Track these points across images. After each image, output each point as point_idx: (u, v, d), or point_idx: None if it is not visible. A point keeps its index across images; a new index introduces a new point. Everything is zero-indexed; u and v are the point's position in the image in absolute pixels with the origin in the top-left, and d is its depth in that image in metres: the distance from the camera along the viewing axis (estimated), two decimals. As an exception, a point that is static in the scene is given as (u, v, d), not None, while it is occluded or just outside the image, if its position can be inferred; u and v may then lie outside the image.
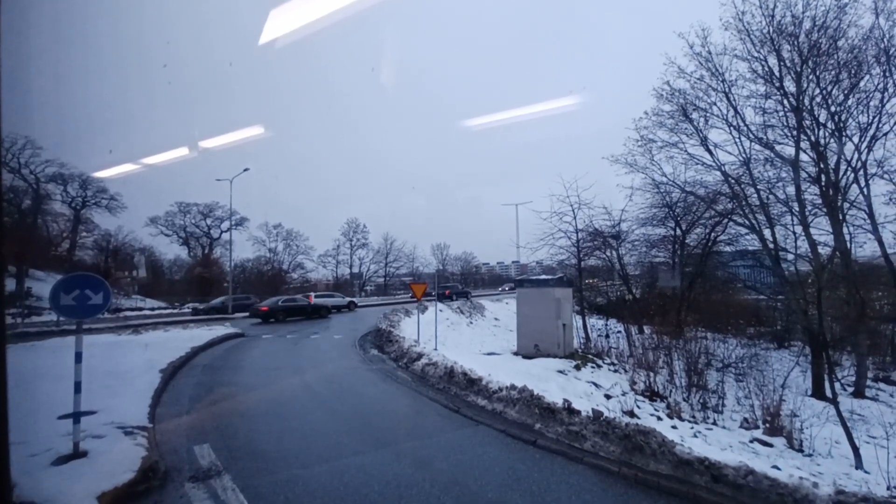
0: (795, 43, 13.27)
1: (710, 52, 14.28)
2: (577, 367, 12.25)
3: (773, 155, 14.18)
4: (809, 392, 12.44)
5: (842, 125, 13.22)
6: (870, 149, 13.00)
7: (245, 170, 31.32)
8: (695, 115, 15.08)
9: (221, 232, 47.10)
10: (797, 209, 13.52)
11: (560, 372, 11.44)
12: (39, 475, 4.52)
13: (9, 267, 27.41)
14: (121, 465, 4.85)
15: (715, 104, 14.70)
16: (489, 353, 13.93)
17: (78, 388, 5.20)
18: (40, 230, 34.73)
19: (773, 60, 13.71)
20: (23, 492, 4.00)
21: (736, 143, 14.53)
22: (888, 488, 5.94)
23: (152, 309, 33.28)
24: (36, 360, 10.14)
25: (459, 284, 47.70)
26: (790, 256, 14.49)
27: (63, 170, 35.01)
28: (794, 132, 13.75)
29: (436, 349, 12.47)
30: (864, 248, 14.30)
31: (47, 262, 33.54)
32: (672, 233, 19.57)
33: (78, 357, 5.23)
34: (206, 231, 47.54)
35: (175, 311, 31.66)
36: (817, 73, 13.14)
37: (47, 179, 34.67)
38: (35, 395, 6.77)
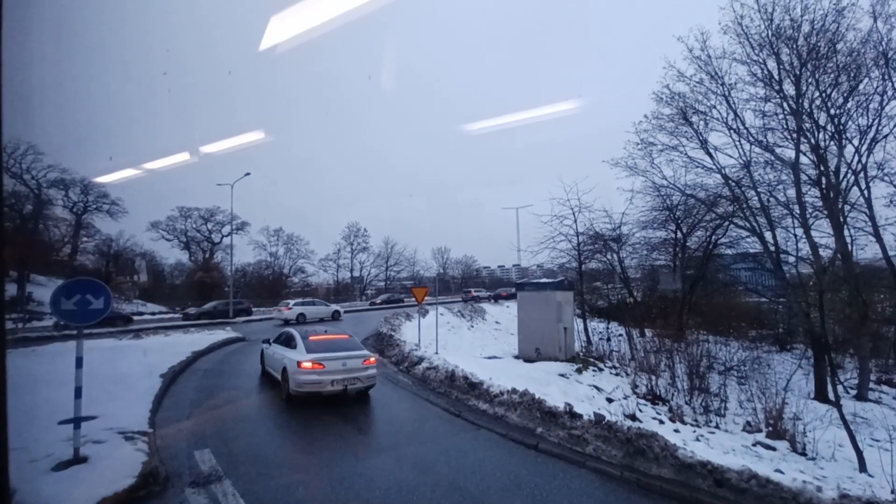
0: (794, 46, 13.31)
1: (709, 56, 14.33)
2: (579, 371, 12.22)
3: (773, 158, 14.19)
4: (812, 395, 12.38)
5: (842, 128, 13.23)
6: (870, 151, 13.01)
7: (246, 174, 31.45)
8: (695, 119, 15.12)
9: (222, 236, 47.09)
10: (798, 212, 13.51)
11: (561, 375, 11.41)
12: (39, 481, 4.51)
13: (10, 272, 27.45)
14: (121, 470, 4.84)
15: (715, 107, 14.74)
16: (490, 357, 13.89)
17: (78, 393, 5.20)
18: (42, 235, 34.77)
19: (772, 64, 13.75)
20: (23, 498, 3.98)
21: (736, 146, 14.56)
22: (892, 492, 5.90)
23: (153, 313, 33.30)
24: (36, 365, 10.14)
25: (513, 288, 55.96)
26: (791, 259, 14.47)
27: (64, 175, 35.14)
28: (794, 135, 13.77)
29: (436, 353, 12.44)
30: (866, 251, 14.29)
31: (48, 266, 33.56)
32: (673, 236, 19.57)
33: (78, 362, 5.22)
34: (207, 235, 47.53)
35: (176, 315, 31.63)
36: (816, 76, 13.17)
37: (49, 185, 34.77)
38: (35, 400, 6.75)
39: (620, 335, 17.89)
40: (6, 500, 1.27)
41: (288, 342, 9.20)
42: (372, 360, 8.71)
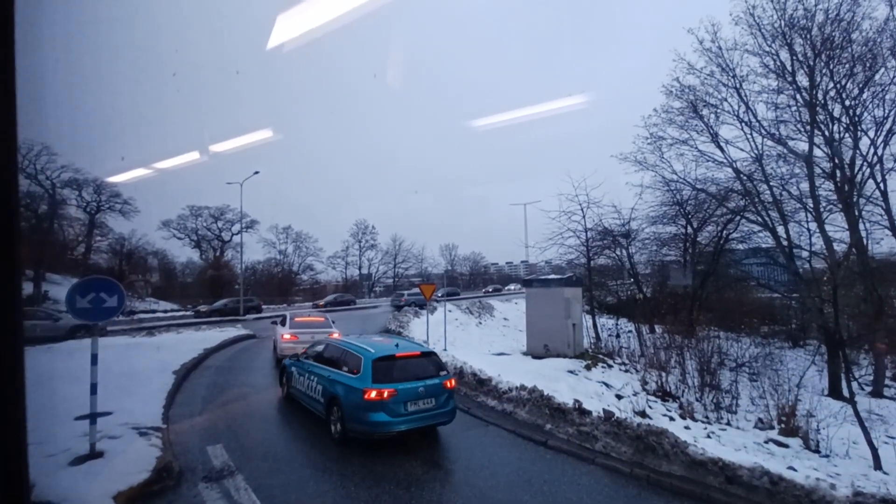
0: (808, 36, 13.05)
1: (720, 48, 14.11)
2: (588, 367, 12.16)
3: (785, 151, 13.96)
4: (826, 392, 12.20)
5: (857, 119, 12.96)
6: (886, 143, 12.75)
7: (255, 173, 31.65)
8: (705, 112, 14.91)
9: (232, 235, 47.50)
10: (811, 205, 13.29)
11: (570, 372, 11.37)
12: (57, 475, 4.61)
13: (26, 271, 28.00)
14: (136, 465, 4.93)
15: (726, 100, 14.53)
16: (499, 354, 13.89)
17: (94, 389, 5.30)
18: (56, 235, 35.38)
19: (784, 55, 13.51)
20: (41, 491, 4.08)
21: (748, 139, 14.34)
22: (909, 490, 5.80)
23: (165, 311, 33.78)
24: (53, 362, 10.35)
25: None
26: (804, 253, 14.24)
27: (78, 175, 35.57)
28: (808, 127, 13.52)
29: (445, 350, 12.47)
30: (882, 245, 14.01)
31: (63, 265, 34.15)
32: (683, 231, 19.32)
33: (94, 359, 5.32)
34: (218, 234, 47.98)
35: (188, 313, 32.11)
36: (831, 66, 12.90)
37: (63, 185, 35.25)
38: (52, 397, 6.91)
39: (630, 331, 17.75)
40: (26, 494, 1.30)
41: (283, 322, 12.67)
42: (335, 335, 11.10)
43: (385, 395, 5.77)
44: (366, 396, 5.75)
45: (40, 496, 4.00)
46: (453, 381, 6.68)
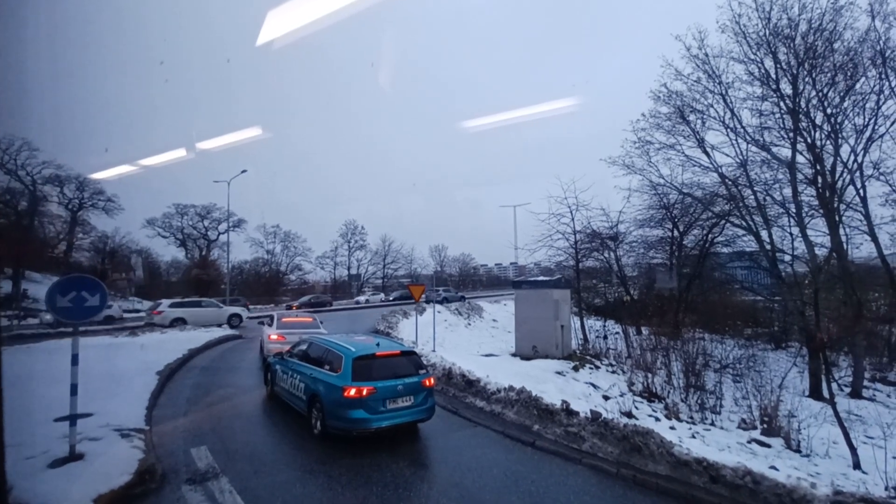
0: (791, 45, 13.34)
1: (706, 55, 14.35)
2: (576, 369, 12.25)
3: (769, 157, 14.25)
4: (807, 392, 12.46)
5: (838, 127, 13.27)
6: (866, 150, 13.07)
7: (243, 171, 31.31)
8: (692, 117, 15.15)
9: (219, 234, 46.94)
10: (794, 211, 13.57)
11: (558, 373, 11.43)
12: (36, 478, 4.49)
13: (5, 268, 27.33)
14: (117, 467, 4.82)
15: (712, 106, 14.78)
16: (487, 355, 13.91)
17: (74, 390, 5.18)
18: (37, 232, 34.55)
19: (769, 63, 13.79)
20: (19, 494, 3.96)
21: (733, 144, 14.62)
22: (886, 488, 5.95)
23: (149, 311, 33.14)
24: (32, 362, 10.08)
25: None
26: (787, 257, 14.54)
27: (60, 171, 34.91)
28: (791, 134, 13.81)
29: (434, 350, 12.45)
30: (861, 250, 14.40)
31: (44, 263, 33.38)
32: (669, 234, 19.61)
33: (74, 359, 5.20)
34: (204, 233, 47.34)
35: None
36: (813, 75, 13.20)
37: (44, 181, 34.53)
38: (31, 398, 6.72)
39: (617, 333, 17.93)
40: (3, 496, 1.27)
41: (270, 322, 12.73)
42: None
43: (364, 392, 5.91)
44: (345, 394, 5.89)
45: (18, 499, 3.89)
46: (432, 380, 6.79)
